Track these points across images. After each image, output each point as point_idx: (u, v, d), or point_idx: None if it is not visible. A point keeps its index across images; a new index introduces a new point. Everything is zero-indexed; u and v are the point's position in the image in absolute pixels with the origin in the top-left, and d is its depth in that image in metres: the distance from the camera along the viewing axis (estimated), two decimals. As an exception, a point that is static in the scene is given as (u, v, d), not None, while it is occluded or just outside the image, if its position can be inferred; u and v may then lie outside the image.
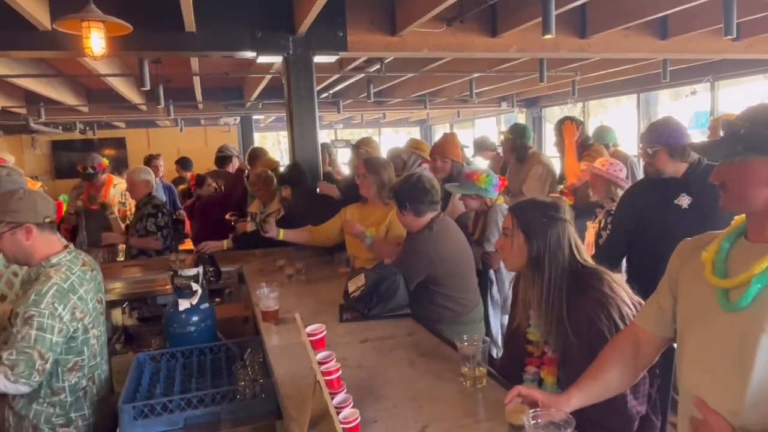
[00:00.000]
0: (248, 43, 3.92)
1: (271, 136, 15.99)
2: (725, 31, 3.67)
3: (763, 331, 1.15)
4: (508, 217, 1.79)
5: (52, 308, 1.87)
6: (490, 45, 4.46)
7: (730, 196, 1.25)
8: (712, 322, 1.25)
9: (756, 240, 1.24)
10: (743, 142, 1.19)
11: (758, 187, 1.19)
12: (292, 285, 3.01)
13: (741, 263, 1.23)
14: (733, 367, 1.19)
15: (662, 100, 9.36)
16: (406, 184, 2.65)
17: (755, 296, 1.17)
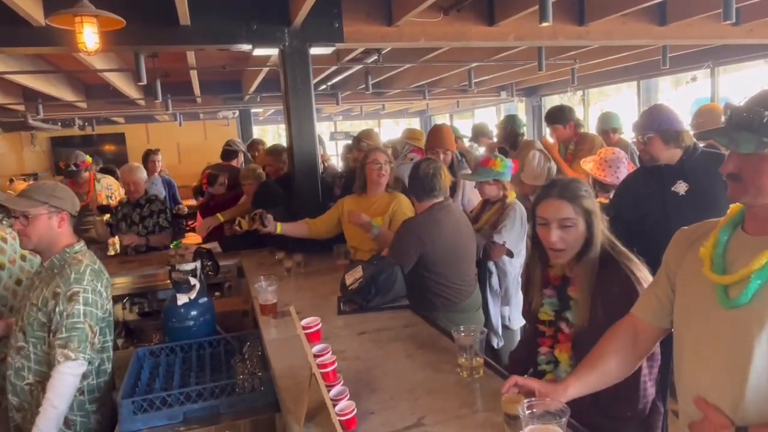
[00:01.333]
0: (244, 35, 3.89)
1: (271, 129, 15.96)
2: (724, 15, 3.63)
3: (763, 327, 1.14)
4: (567, 208, 1.66)
5: (93, 285, 2.03)
6: (487, 34, 4.42)
7: (744, 187, 1.20)
8: (711, 319, 1.25)
9: (754, 233, 1.23)
10: (764, 130, 1.14)
11: None
12: (290, 278, 3.02)
13: (740, 258, 1.21)
14: (733, 363, 1.19)
15: (663, 87, 9.30)
16: (412, 171, 2.75)
17: (755, 292, 1.16)
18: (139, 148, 11.00)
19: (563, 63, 6.58)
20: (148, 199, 4.15)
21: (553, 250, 1.69)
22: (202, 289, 2.50)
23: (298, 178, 4.21)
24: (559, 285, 1.81)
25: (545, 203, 1.71)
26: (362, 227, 3.05)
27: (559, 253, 1.69)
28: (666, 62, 5.77)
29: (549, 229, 1.67)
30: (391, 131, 16.77)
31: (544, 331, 1.81)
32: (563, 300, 1.77)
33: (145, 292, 3.50)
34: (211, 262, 2.97)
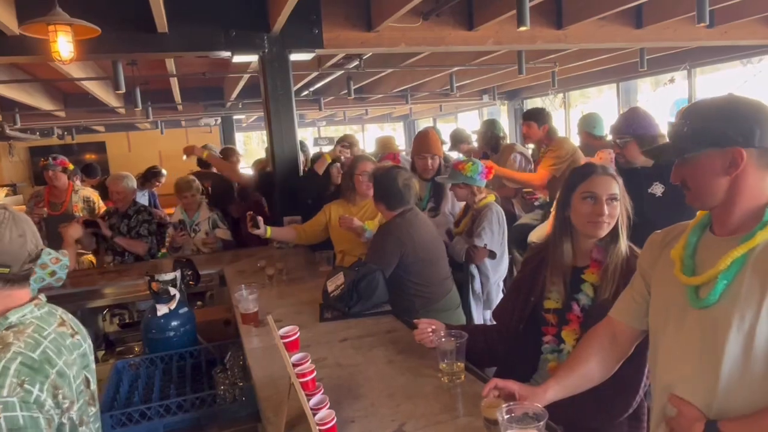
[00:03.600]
0: (223, 42, 3.88)
1: (255, 136, 15.89)
2: (698, 18, 3.70)
3: (731, 325, 1.16)
4: (614, 184, 1.75)
5: (22, 393, 1.13)
6: (466, 38, 4.45)
7: (692, 193, 1.27)
8: (683, 319, 1.27)
9: (720, 233, 1.26)
10: (690, 139, 1.23)
11: (714, 178, 1.21)
12: (273, 286, 2.99)
13: (708, 258, 1.24)
14: (705, 361, 1.21)
15: (643, 88, 9.44)
16: (385, 178, 2.76)
17: (722, 292, 1.19)
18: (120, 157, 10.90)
19: (543, 66, 6.64)
20: (137, 210, 4.09)
21: (599, 222, 1.73)
22: (182, 299, 2.47)
23: (280, 184, 4.20)
24: (567, 273, 1.82)
25: (594, 179, 1.76)
26: (354, 231, 3.05)
27: (606, 225, 1.74)
28: (644, 64, 5.85)
29: (599, 203, 1.73)
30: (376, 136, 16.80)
31: (549, 320, 1.82)
32: (573, 286, 1.80)
33: (126, 303, 3.45)
34: (192, 271, 2.94)
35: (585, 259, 1.81)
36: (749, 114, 1.18)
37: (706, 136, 1.20)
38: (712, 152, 1.20)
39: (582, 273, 1.79)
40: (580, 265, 1.81)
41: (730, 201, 1.22)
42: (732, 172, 1.19)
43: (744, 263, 1.18)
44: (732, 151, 1.18)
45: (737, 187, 1.20)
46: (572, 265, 1.82)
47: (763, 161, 1.19)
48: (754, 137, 1.17)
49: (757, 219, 1.20)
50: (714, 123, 1.20)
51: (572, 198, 1.78)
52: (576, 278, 1.80)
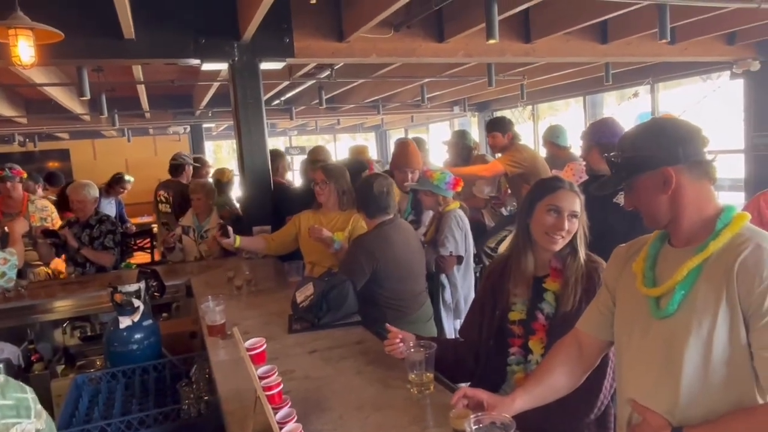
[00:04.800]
0: (192, 50, 3.82)
1: (225, 144, 15.71)
2: (660, 35, 3.82)
3: (690, 334, 1.20)
4: (577, 201, 1.80)
5: None
6: (437, 50, 4.50)
7: (645, 217, 1.34)
8: (646, 330, 1.31)
9: (677, 245, 1.31)
10: (624, 169, 1.33)
11: (655, 198, 1.28)
12: (241, 296, 2.95)
13: (667, 270, 1.29)
14: (667, 370, 1.24)
15: (608, 102, 9.69)
16: (365, 186, 2.75)
17: (680, 302, 1.23)
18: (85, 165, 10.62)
19: (512, 79, 6.76)
20: (99, 219, 3.98)
21: (555, 237, 1.78)
22: (146, 311, 2.40)
23: (249, 194, 4.15)
24: (529, 284, 1.85)
25: (561, 193, 1.80)
26: (323, 242, 3.03)
27: (560, 240, 1.79)
28: (609, 78, 6.01)
29: (561, 218, 1.78)
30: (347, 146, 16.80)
31: (513, 330, 1.84)
32: (535, 296, 1.83)
33: (88, 315, 3.35)
34: (157, 282, 2.87)
35: (545, 268, 1.84)
36: (671, 134, 1.27)
37: (638, 162, 1.29)
38: (646, 175, 1.28)
39: (543, 282, 1.82)
40: (540, 274, 1.85)
41: (678, 215, 1.28)
42: (668, 190, 1.26)
43: (699, 273, 1.22)
44: (662, 171, 1.26)
45: (679, 202, 1.27)
46: (534, 275, 1.84)
47: (695, 174, 1.26)
48: (679, 155, 1.25)
49: (709, 229, 1.25)
50: (642, 149, 1.29)
51: (536, 208, 1.81)
52: (537, 287, 1.83)
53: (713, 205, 1.28)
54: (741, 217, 1.25)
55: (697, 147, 1.27)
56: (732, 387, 1.19)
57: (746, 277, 1.15)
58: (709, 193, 1.29)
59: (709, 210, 1.27)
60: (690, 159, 1.25)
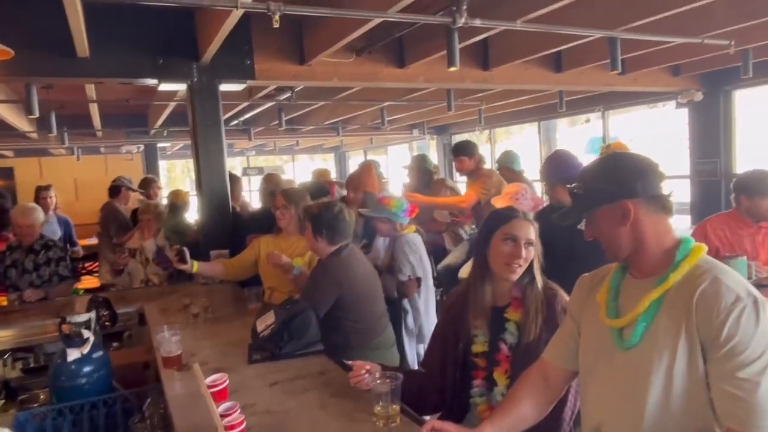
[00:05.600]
0: (149, 70, 3.74)
1: (179, 164, 15.38)
2: (611, 66, 3.97)
3: (652, 364, 1.22)
4: (532, 230, 1.83)
5: None
6: (398, 75, 4.55)
7: (606, 249, 1.37)
8: (610, 360, 1.32)
9: (638, 276, 1.34)
10: (585, 201, 1.37)
11: (614, 230, 1.31)
12: (198, 325, 2.85)
13: (629, 301, 1.31)
14: (630, 401, 1.25)
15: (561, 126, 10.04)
16: (328, 212, 2.71)
17: (642, 334, 1.25)
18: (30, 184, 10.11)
19: (471, 104, 6.90)
20: (45, 245, 3.77)
21: (513, 266, 1.80)
22: (97, 342, 2.28)
23: (207, 216, 4.05)
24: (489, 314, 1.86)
25: (515, 222, 1.83)
26: (281, 268, 2.97)
27: (519, 269, 1.80)
28: (563, 105, 6.22)
29: (518, 246, 1.80)
30: (307, 167, 16.71)
31: (476, 362, 1.83)
32: (497, 326, 1.83)
33: (32, 345, 3.15)
34: (109, 311, 2.74)
35: (505, 298, 1.86)
36: (630, 169, 1.32)
37: (598, 194, 1.33)
38: (606, 208, 1.32)
39: (504, 312, 1.83)
40: (500, 304, 1.86)
41: (638, 247, 1.31)
42: (626, 223, 1.30)
43: (660, 305, 1.25)
44: (620, 204, 1.30)
45: (638, 234, 1.30)
46: (493, 305, 1.85)
47: (652, 207, 1.30)
48: (637, 189, 1.29)
49: (668, 261, 1.29)
50: (602, 182, 1.34)
51: (492, 238, 1.83)
52: (499, 318, 1.84)
53: (671, 236, 1.32)
54: (699, 249, 1.29)
55: (655, 181, 1.31)
56: (692, 417, 1.22)
57: (705, 309, 1.18)
58: (667, 226, 1.33)
59: (667, 242, 1.31)
60: (648, 193, 1.29)
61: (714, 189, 5.88)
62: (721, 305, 1.16)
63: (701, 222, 3.35)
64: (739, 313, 1.14)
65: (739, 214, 3.10)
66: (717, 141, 5.90)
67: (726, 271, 1.24)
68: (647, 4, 3.41)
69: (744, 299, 1.16)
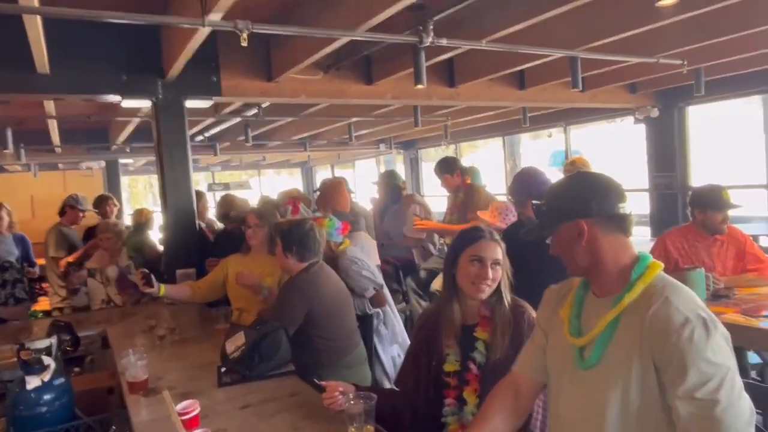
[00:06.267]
0: (112, 86, 3.66)
1: (142, 179, 15.04)
2: (572, 84, 4.10)
3: (610, 385, 1.25)
4: (498, 249, 1.86)
5: None
6: (365, 92, 4.59)
7: (566, 264, 1.40)
8: (572, 378, 1.35)
9: (598, 294, 1.37)
10: (546, 218, 1.41)
11: (572, 248, 1.35)
12: (164, 347, 2.78)
13: (590, 320, 1.34)
14: (590, 421, 1.28)
15: (524, 140, 10.28)
16: (299, 229, 2.71)
17: (600, 354, 1.28)
18: (-17, 202, 9.74)
19: (437, 120, 7.00)
20: (1, 267, 3.64)
21: (482, 285, 1.82)
22: (58, 369, 2.20)
23: (172, 234, 3.98)
24: (459, 332, 1.88)
25: (482, 243, 1.85)
26: (251, 289, 2.93)
27: (487, 288, 1.83)
28: (526, 121, 6.37)
29: (484, 267, 1.82)
30: (273, 182, 16.58)
31: (448, 382, 1.84)
32: (467, 345, 1.85)
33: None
34: (70, 335, 2.65)
35: (474, 316, 1.88)
36: (587, 189, 1.36)
37: (558, 212, 1.38)
38: (564, 226, 1.36)
39: (473, 331, 1.86)
40: (470, 323, 1.88)
41: (595, 265, 1.35)
42: (581, 241, 1.33)
43: (616, 326, 1.28)
44: (576, 223, 1.33)
45: (594, 253, 1.33)
46: (463, 324, 1.88)
47: (608, 227, 1.33)
48: (591, 209, 1.32)
49: (625, 279, 1.32)
50: (561, 201, 1.39)
51: (460, 259, 1.86)
52: (468, 337, 1.86)
53: (628, 255, 1.34)
54: (654, 267, 1.31)
55: (611, 202, 1.33)
56: None
57: (656, 332, 1.20)
58: (624, 245, 1.35)
59: (624, 260, 1.33)
60: (603, 213, 1.32)
61: (671, 201, 6.09)
62: (671, 328, 1.18)
63: (661, 236, 3.47)
64: (690, 334, 1.16)
65: (696, 227, 3.21)
66: (673, 155, 6.13)
67: (678, 291, 1.26)
68: (606, 26, 3.54)
69: (693, 321, 1.17)
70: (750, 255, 3.20)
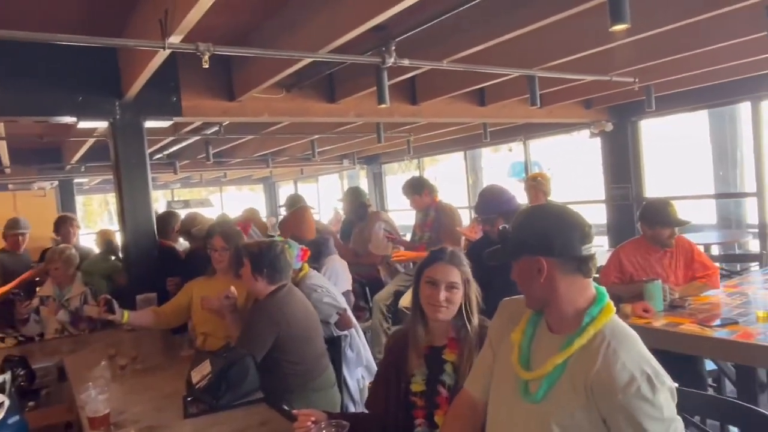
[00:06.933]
0: (67, 107, 3.55)
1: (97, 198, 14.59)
2: (530, 101, 4.20)
3: (551, 425, 1.26)
4: (453, 271, 1.82)
5: None
6: (328, 110, 4.59)
7: (524, 295, 1.41)
8: (513, 408, 1.36)
9: (552, 329, 1.38)
10: (512, 246, 1.40)
11: (531, 281, 1.36)
12: (126, 377, 2.68)
13: (540, 354, 1.35)
14: None
15: (485, 153, 10.49)
16: (271, 251, 2.67)
17: (545, 393, 1.29)
18: (-74, 226, 9.24)
19: (400, 136, 7.06)
20: None
21: (436, 307, 1.81)
22: (12, 406, 2.10)
23: (132, 258, 3.86)
24: (428, 353, 1.88)
25: (437, 266, 1.85)
26: (217, 313, 2.87)
27: (442, 310, 1.81)
28: (487, 136, 6.50)
29: (437, 289, 1.81)
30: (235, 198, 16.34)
31: (415, 402, 1.84)
32: (435, 366, 1.84)
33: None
34: (25, 370, 2.53)
35: (442, 338, 1.88)
36: (552, 227, 1.34)
37: (522, 245, 1.37)
38: (526, 259, 1.36)
39: (442, 353, 1.86)
40: (438, 344, 1.89)
41: (550, 302, 1.35)
42: (540, 278, 1.33)
43: (564, 369, 1.29)
44: (537, 260, 1.33)
45: (551, 291, 1.34)
46: (430, 344, 1.88)
47: (568, 268, 1.32)
48: (553, 249, 1.32)
49: (578, 321, 1.32)
50: (527, 234, 1.37)
51: (420, 280, 1.88)
52: (437, 358, 1.86)
53: (585, 297, 1.34)
54: (606, 312, 1.32)
55: (574, 243, 1.32)
56: None
57: (601, 388, 1.22)
58: (581, 287, 1.34)
59: (579, 302, 1.33)
60: (565, 254, 1.31)
61: (627, 212, 6.30)
62: (617, 387, 1.19)
63: (615, 250, 3.56)
64: (636, 392, 1.18)
65: (646, 241, 3.32)
66: (627, 167, 6.35)
67: (625, 342, 1.26)
68: (562, 47, 3.66)
69: (638, 378, 1.19)
70: (698, 263, 3.33)
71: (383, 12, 2.46)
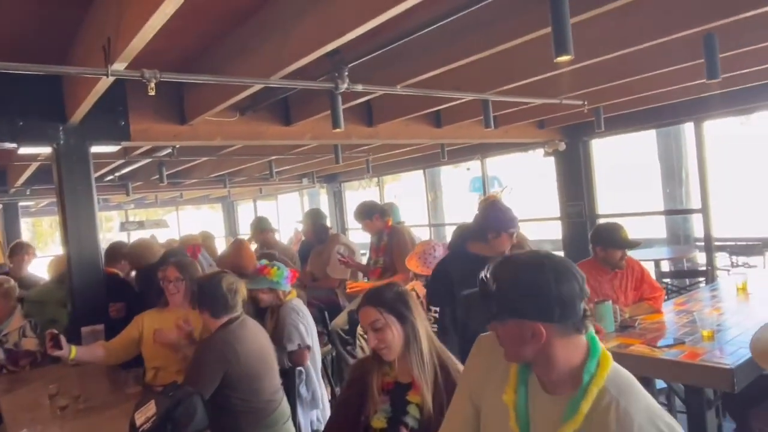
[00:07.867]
0: (6, 133, 3.39)
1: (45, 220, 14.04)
2: (485, 123, 4.27)
3: None
4: (372, 312, 1.79)
5: None
6: (284, 133, 4.55)
7: (505, 352, 1.28)
8: None
9: (549, 391, 1.26)
10: (496, 303, 1.23)
11: (521, 345, 1.22)
12: (66, 419, 2.54)
13: (543, 419, 1.24)
14: None
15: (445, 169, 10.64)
16: (208, 284, 2.59)
17: None
18: None
19: (358, 156, 7.05)
20: None
21: (377, 349, 1.80)
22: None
23: (77, 288, 3.70)
24: (391, 389, 1.84)
25: (361, 311, 1.84)
26: (172, 346, 2.77)
27: (383, 352, 1.80)
28: (444, 156, 6.57)
29: (369, 332, 1.81)
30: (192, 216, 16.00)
31: None
32: (399, 405, 1.81)
33: None
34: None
35: (406, 375, 1.84)
36: (552, 292, 1.17)
37: (510, 306, 1.21)
38: (517, 321, 1.21)
39: (406, 393, 1.82)
40: (403, 381, 1.85)
41: (544, 364, 1.23)
42: (535, 343, 1.20)
43: None
44: (532, 326, 1.19)
45: (546, 354, 1.21)
46: (396, 381, 1.85)
47: (567, 330, 1.21)
48: (554, 315, 1.18)
49: (576, 379, 1.21)
50: (517, 294, 1.20)
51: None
52: (401, 396, 1.82)
53: (580, 353, 1.23)
54: (605, 365, 1.22)
55: (576, 307, 1.20)
56: None
57: None
58: (578, 344, 1.23)
59: (575, 360, 1.22)
60: (564, 320, 1.19)
61: (581, 229, 6.44)
62: None
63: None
64: None
65: (598, 262, 3.38)
66: (580, 185, 6.51)
67: (630, 394, 1.19)
68: (514, 72, 3.73)
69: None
70: (647, 285, 3.43)
71: (336, 39, 2.46)
